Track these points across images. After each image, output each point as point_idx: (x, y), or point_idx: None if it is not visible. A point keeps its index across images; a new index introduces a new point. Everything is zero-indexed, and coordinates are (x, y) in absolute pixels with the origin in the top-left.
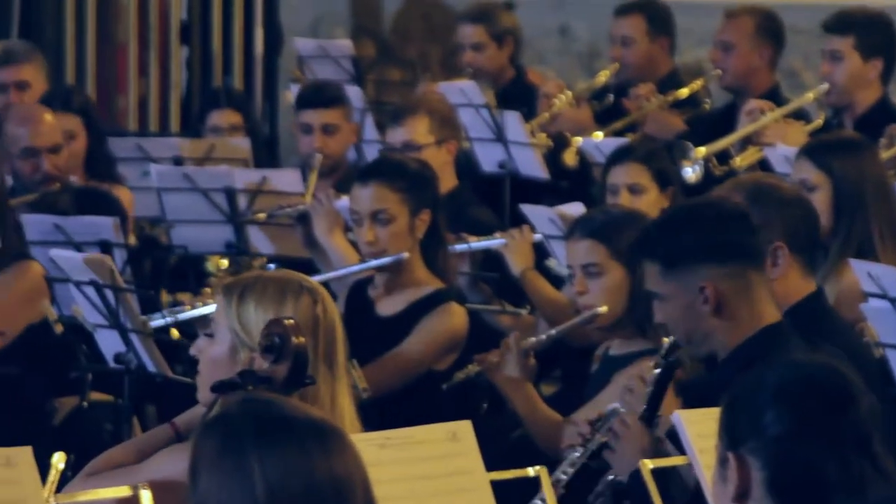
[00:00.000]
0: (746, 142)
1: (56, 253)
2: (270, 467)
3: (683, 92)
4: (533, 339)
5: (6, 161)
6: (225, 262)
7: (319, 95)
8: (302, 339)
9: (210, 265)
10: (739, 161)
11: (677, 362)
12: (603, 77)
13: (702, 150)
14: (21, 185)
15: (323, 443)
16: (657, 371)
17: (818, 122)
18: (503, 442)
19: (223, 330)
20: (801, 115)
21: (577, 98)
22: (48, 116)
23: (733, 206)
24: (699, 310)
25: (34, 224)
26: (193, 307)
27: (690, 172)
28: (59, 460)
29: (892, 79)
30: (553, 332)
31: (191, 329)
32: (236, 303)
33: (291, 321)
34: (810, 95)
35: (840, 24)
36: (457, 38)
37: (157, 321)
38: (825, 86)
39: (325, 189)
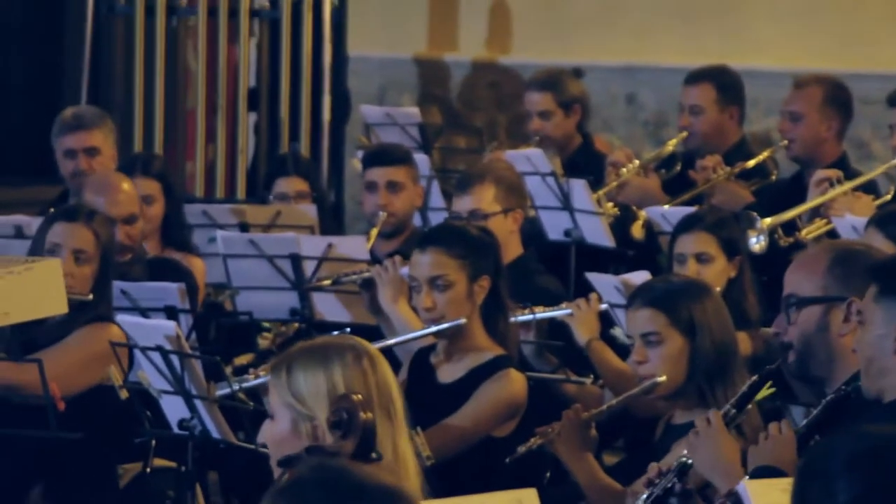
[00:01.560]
0: (815, 213)
1: (123, 318)
2: None
3: (751, 163)
4: (594, 410)
5: None
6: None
7: (386, 154)
8: (370, 415)
9: (271, 327)
10: (806, 233)
11: (772, 373)
12: (670, 146)
13: (767, 221)
14: None
15: None
16: (755, 378)
17: (887, 196)
18: None
19: (280, 407)
20: (870, 188)
21: (645, 167)
22: (126, 185)
23: None
24: (889, 345)
25: None
26: (257, 376)
27: (755, 243)
28: None
29: None
30: (613, 402)
31: (256, 394)
32: (286, 377)
33: (359, 397)
34: (879, 169)
35: None
36: (524, 106)
37: (222, 390)
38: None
39: (389, 251)
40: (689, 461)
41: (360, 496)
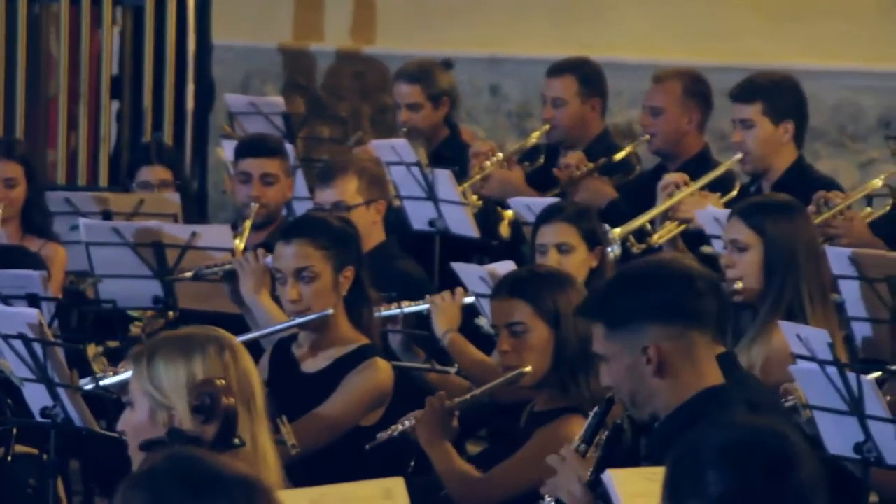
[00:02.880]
0: (665, 217)
1: None
2: None
3: (617, 156)
4: (458, 399)
5: None
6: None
7: (261, 145)
8: (232, 401)
9: (134, 315)
10: (657, 237)
11: (621, 427)
12: (534, 138)
13: (617, 231)
14: None
15: (251, 498)
16: (596, 408)
17: (733, 192)
18: (432, 500)
19: (139, 395)
20: (727, 180)
21: (508, 159)
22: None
23: (678, 267)
24: (642, 370)
25: None
26: (116, 373)
27: (609, 252)
28: None
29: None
30: (477, 391)
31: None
32: (146, 366)
33: (222, 382)
34: (723, 166)
35: (746, 92)
36: (392, 97)
37: (86, 385)
38: (738, 155)
39: (258, 241)
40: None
41: (215, 485)
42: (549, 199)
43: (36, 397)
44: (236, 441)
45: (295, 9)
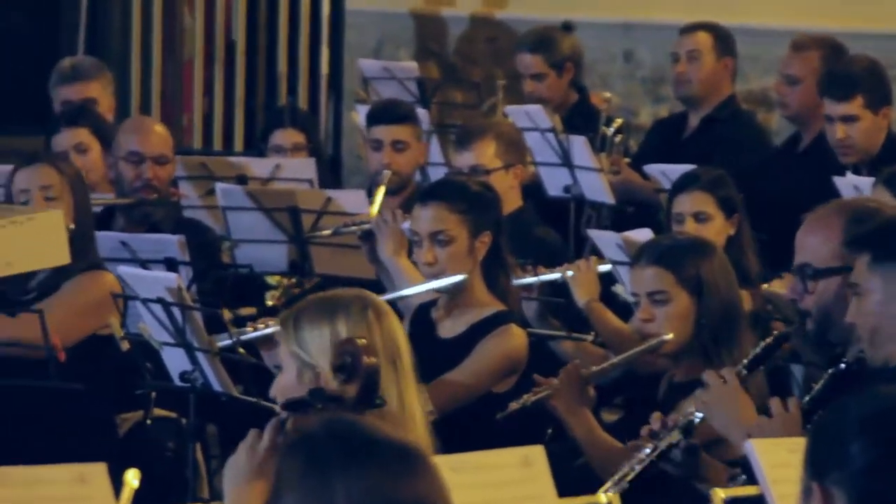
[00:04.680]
0: None
1: (124, 270)
2: (354, 489)
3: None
4: (595, 368)
5: (112, 166)
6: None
7: (391, 112)
8: (373, 360)
9: (273, 278)
10: None
11: (788, 337)
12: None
13: None
14: (121, 191)
15: (407, 464)
16: (769, 340)
17: None
18: (569, 468)
19: (287, 357)
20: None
21: (615, 161)
22: (160, 129)
23: None
24: (893, 310)
25: (101, 241)
26: (256, 329)
27: None
28: (133, 477)
29: None
30: (616, 359)
31: (255, 349)
32: (293, 328)
33: (363, 341)
34: None
35: (844, 87)
36: (516, 67)
37: (222, 342)
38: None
39: (391, 208)
40: (697, 418)
41: (371, 450)
42: (683, 167)
43: (175, 361)
44: (378, 400)
45: None
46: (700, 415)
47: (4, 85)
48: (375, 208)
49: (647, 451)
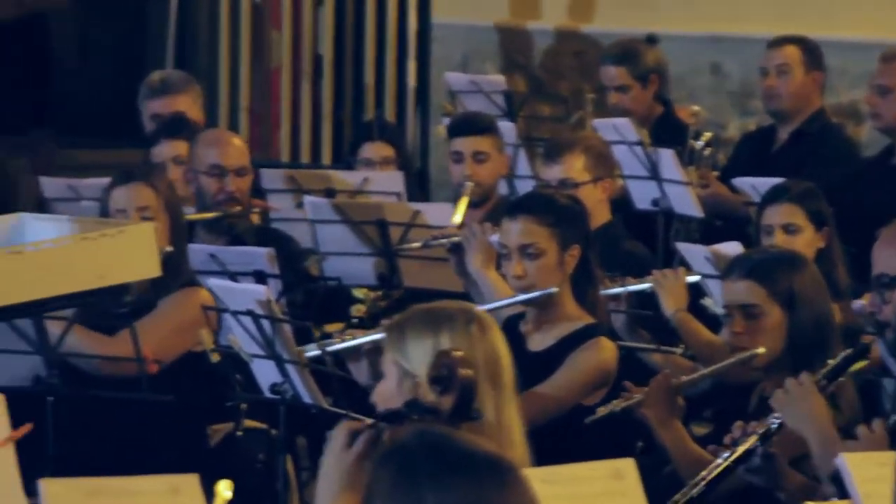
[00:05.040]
0: None
1: (214, 282)
2: (445, 501)
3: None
4: (685, 378)
5: (192, 181)
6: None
7: (471, 124)
8: (469, 372)
9: (359, 291)
10: None
11: (867, 348)
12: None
13: None
14: (203, 205)
15: (497, 477)
16: (849, 351)
17: None
18: (658, 479)
19: (389, 365)
20: None
21: (704, 175)
22: (237, 141)
23: None
24: None
25: (191, 254)
26: (343, 340)
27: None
28: (225, 488)
29: None
30: (707, 371)
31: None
32: (396, 336)
33: (460, 353)
34: None
35: None
36: (601, 79)
37: (311, 353)
38: None
39: (475, 219)
40: (775, 424)
41: (464, 463)
42: (773, 179)
43: (265, 373)
44: (474, 413)
45: None
46: (778, 421)
47: (94, 99)
48: (458, 219)
49: (725, 455)
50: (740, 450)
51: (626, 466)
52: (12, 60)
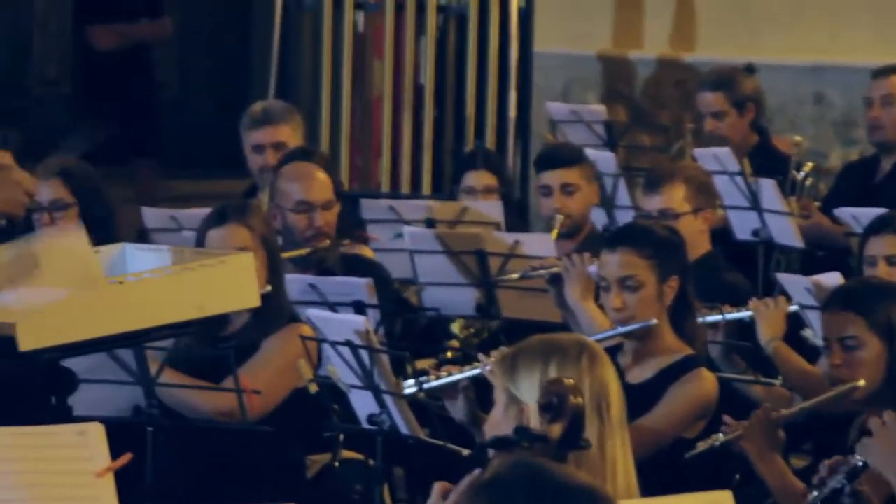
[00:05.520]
0: None
1: (313, 313)
2: None
3: None
4: (787, 411)
5: (277, 216)
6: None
7: (557, 156)
8: (580, 400)
9: (455, 327)
10: None
11: None
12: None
13: None
14: (291, 240)
15: None
16: None
17: None
18: None
19: (500, 393)
20: None
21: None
22: (321, 174)
23: None
24: None
25: (290, 284)
26: (439, 377)
27: None
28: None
29: None
30: (807, 404)
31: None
32: (508, 364)
33: (571, 381)
34: None
35: None
36: (698, 106)
37: (408, 389)
38: None
39: (568, 250)
40: (861, 463)
41: (559, 495)
42: (876, 210)
43: (363, 404)
44: (583, 442)
45: (615, 17)
46: (862, 460)
47: (197, 130)
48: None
49: (814, 495)
50: (827, 490)
51: (725, 499)
52: (116, 91)
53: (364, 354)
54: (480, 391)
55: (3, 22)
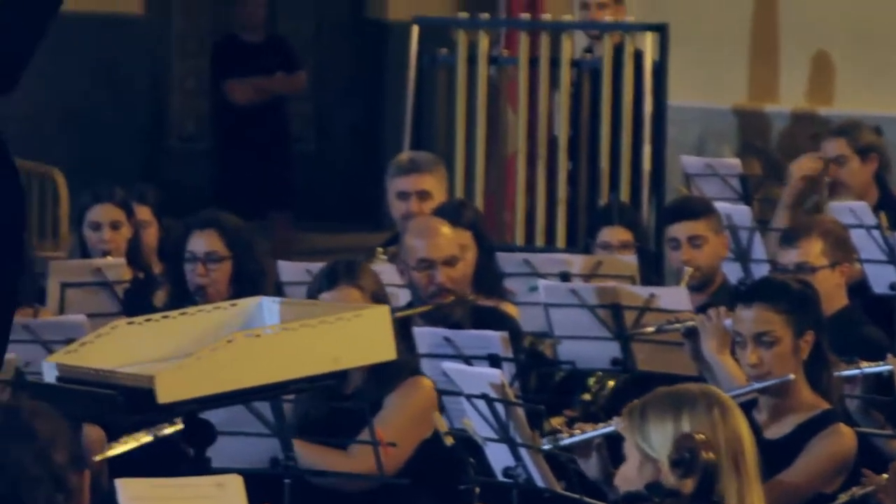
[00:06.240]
0: None
1: (448, 366)
2: None
3: None
4: None
5: (404, 272)
6: (611, 382)
7: (684, 209)
8: (712, 456)
9: (591, 381)
10: None
11: None
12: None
13: None
14: (417, 296)
15: None
16: None
17: None
18: None
19: (631, 448)
20: None
21: None
22: (446, 230)
23: None
24: None
25: (425, 337)
26: (572, 434)
27: None
28: None
29: None
30: None
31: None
32: (638, 419)
33: (703, 436)
34: None
35: None
36: (822, 154)
37: (545, 445)
38: None
39: (698, 303)
40: None
41: None
42: None
43: (498, 457)
44: (715, 498)
45: (750, 70)
46: None
47: (332, 182)
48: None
49: None
50: None
51: None
52: (253, 144)
53: (500, 407)
54: (613, 447)
55: (142, 80)
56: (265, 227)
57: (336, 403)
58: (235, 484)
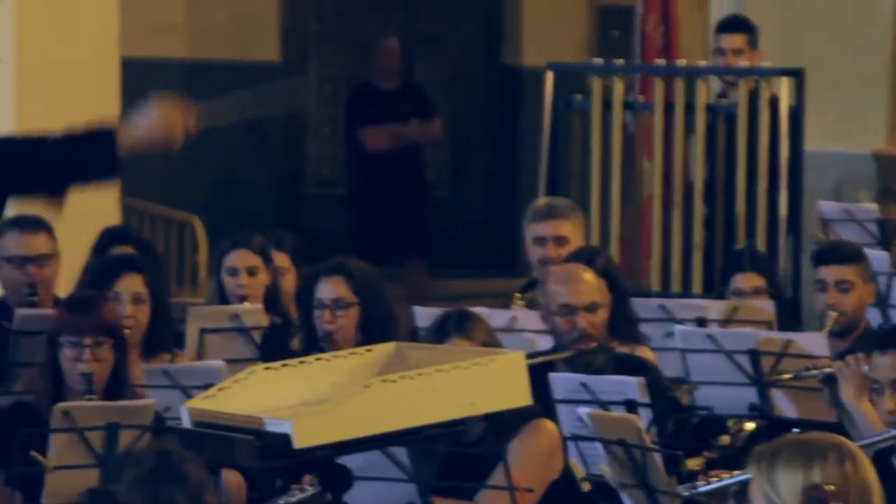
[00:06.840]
0: None
1: (583, 411)
2: None
3: None
4: None
5: (546, 318)
6: (751, 425)
7: (835, 252)
8: None
9: (730, 422)
10: None
11: None
12: None
13: None
14: (559, 341)
15: None
16: None
17: None
18: None
19: (757, 495)
20: None
21: None
22: (588, 276)
23: None
24: None
25: (561, 382)
26: (709, 482)
27: None
28: None
29: None
30: None
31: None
32: (766, 467)
33: (832, 488)
34: None
35: None
36: None
37: (682, 493)
38: None
39: (840, 349)
40: None
41: None
42: None
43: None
44: None
45: (888, 114)
46: None
47: (467, 229)
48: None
49: None
50: None
51: None
52: (389, 190)
53: (637, 453)
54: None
55: (279, 128)
56: (400, 273)
57: (464, 448)
58: None
